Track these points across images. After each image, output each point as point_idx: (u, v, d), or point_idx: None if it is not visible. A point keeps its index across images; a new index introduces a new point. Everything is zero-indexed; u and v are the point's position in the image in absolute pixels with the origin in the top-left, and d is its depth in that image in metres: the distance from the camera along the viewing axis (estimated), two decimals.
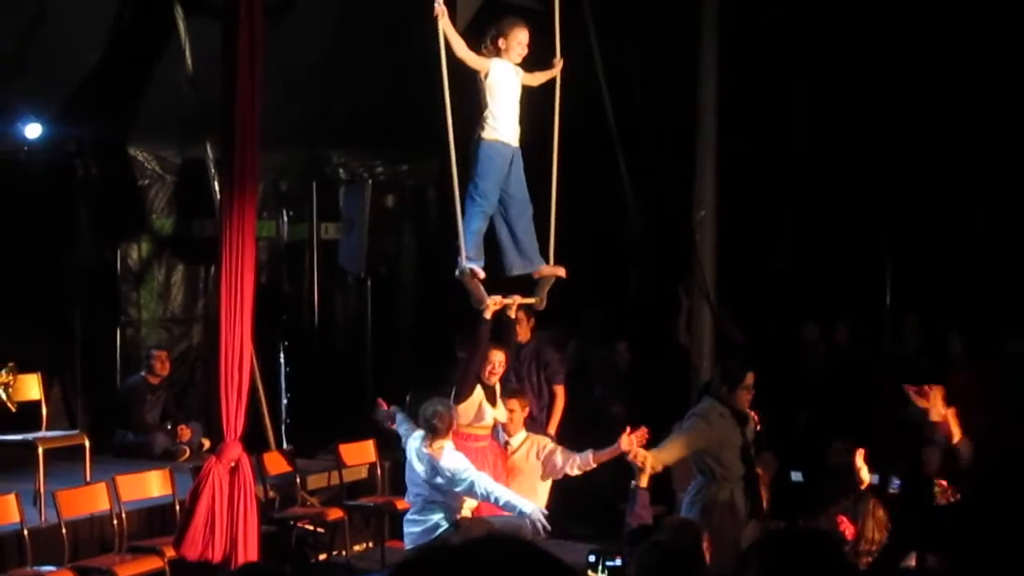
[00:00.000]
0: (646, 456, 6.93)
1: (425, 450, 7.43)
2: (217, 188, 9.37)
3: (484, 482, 7.30)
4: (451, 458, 7.37)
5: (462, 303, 7.75)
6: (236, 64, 7.79)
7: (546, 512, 7.39)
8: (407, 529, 7.66)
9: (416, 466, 7.50)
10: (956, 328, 10.87)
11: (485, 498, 7.32)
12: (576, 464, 7.79)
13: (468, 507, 7.55)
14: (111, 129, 10.71)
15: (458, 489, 7.31)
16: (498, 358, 7.93)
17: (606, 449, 7.64)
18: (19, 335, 9.67)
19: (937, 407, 7.03)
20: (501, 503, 7.31)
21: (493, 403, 7.96)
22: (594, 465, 7.80)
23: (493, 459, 7.78)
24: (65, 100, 10.15)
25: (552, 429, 9.59)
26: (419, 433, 7.55)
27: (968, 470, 7.45)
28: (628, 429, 7.38)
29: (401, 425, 7.82)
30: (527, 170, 7.73)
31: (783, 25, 12.13)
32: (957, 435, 7.23)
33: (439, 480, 7.36)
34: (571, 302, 10.87)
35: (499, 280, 7.75)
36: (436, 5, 7.31)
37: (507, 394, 8.08)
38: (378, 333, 12.01)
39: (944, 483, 7.54)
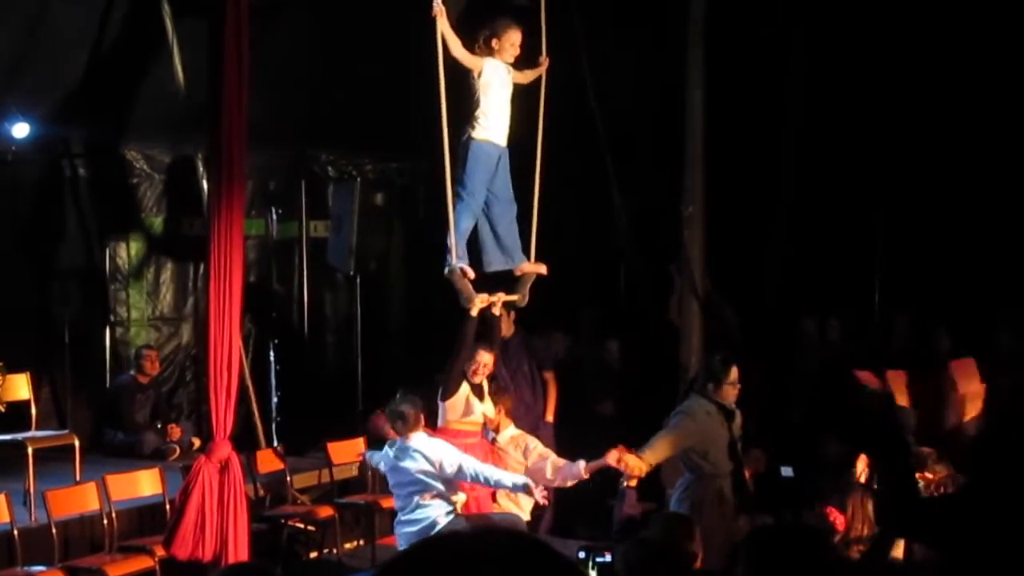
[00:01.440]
0: (633, 466, 7.03)
1: (401, 442, 7.46)
2: (206, 186, 9.37)
3: (470, 463, 7.33)
4: (427, 443, 7.42)
5: (452, 300, 7.76)
6: (224, 63, 7.79)
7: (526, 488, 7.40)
8: (400, 530, 7.61)
9: (400, 464, 7.48)
10: (944, 325, 10.91)
11: (475, 479, 7.33)
12: (568, 476, 7.77)
13: (458, 503, 7.55)
14: (100, 128, 10.69)
15: (448, 471, 7.32)
16: (485, 359, 7.92)
17: (596, 461, 7.62)
18: (8, 335, 9.66)
19: (903, 392, 7.10)
20: (492, 481, 7.35)
21: (481, 398, 7.97)
22: (586, 477, 7.77)
23: (483, 455, 7.77)
24: (53, 99, 10.14)
25: (550, 416, 9.73)
26: (384, 450, 7.63)
27: (974, 445, 7.44)
28: (619, 448, 7.37)
29: (372, 457, 7.97)
30: (514, 169, 7.73)
31: (772, 22, 12.14)
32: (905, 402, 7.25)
33: (427, 467, 7.35)
34: (564, 301, 10.89)
35: (482, 278, 7.76)
36: (435, 4, 7.30)
37: (491, 394, 8.10)
38: (367, 331, 12.01)
39: (928, 476, 7.58)
